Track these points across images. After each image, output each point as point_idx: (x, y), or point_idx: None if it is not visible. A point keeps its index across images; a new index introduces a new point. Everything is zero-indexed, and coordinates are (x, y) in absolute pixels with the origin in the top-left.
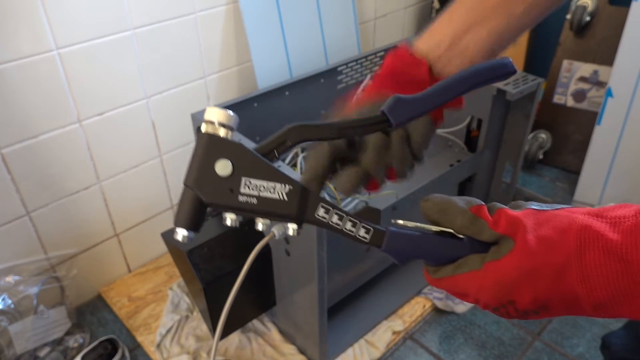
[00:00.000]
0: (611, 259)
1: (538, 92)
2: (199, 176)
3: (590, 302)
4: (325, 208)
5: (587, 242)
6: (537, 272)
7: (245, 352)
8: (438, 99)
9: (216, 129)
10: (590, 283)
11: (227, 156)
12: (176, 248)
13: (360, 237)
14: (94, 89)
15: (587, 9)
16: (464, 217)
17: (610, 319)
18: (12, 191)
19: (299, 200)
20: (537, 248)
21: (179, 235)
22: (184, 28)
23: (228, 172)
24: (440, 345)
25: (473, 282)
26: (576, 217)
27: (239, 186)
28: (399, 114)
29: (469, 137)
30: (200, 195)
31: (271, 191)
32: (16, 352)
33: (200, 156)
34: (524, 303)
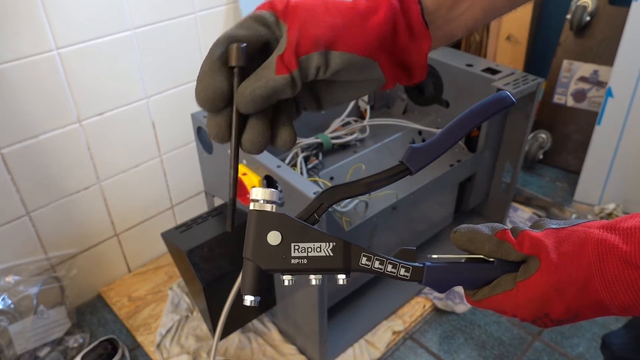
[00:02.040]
0: (628, 267)
1: (538, 92)
2: (255, 249)
3: (616, 306)
4: (367, 256)
5: (604, 254)
6: (565, 286)
7: (245, 352)
8: (449, 144)
9: (263, 206)
10: (613, 290)
11: (276, 228)
12: (176, 248)
13: (402, 276)
14: (94, 89)
15: (587, 9)
16: (491, 242)
17: (610, 319)
18: (12, 191)
19: (343, 254)
20: (561, 264)
21: (247, 302)
22: (184, 28)
23: (278, 241)
24: (440, 345)
25: (509, 301)
26: (592, 231)
27: (289, 251)
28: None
29: (469, 137)
30: (259, 264)
31: (318, 250)
32: (16, 352)
33: (253, 231)
34: (558, 314)
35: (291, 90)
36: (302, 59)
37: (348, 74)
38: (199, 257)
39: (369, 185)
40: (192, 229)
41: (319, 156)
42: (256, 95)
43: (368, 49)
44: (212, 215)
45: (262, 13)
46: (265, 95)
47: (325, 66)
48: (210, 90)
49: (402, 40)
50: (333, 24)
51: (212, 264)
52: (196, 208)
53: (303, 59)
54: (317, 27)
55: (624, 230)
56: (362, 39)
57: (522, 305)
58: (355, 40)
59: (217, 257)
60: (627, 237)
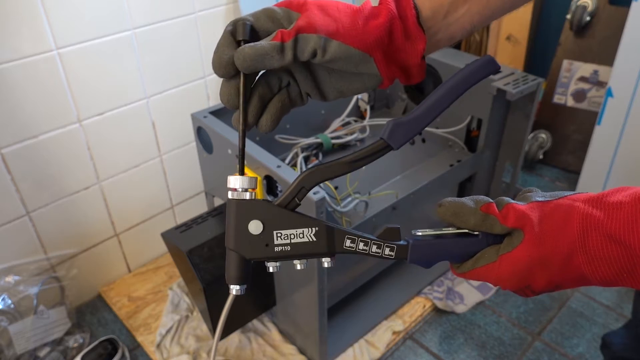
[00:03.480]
0: (611, 243)
1: (538, 92)
2: (237, 239)
3: (597, 280)
4: (351, 238)
5: (588, 229)
6: (547, 260)
7: (245, 352)
8: (431, 115)
9: (241, 194)
10: (595, 265)
11: (256, 216)
12: (176, 248)
13: (387, 256)
14: (94, 89)
15: (587, 9)
16: (476, 216)
17: (610, 319)
18: (12, 191)
19: (327, 238)
20: (544, 238)
21: (234, 291)
22: (184, 28)
23: (260, 230)
24: (440, 345)
25: (491, 273)
26: (577, 205)
27: (272, 239)
28: (399, 138)
29: (469, 137)
30: (242, 254)
31: (300, 236)
32: (16, 352)
33: (233, 221)
34: (540, 286)
35: (279, 57)
36: (300, 36)
37: (345, 64)
38: (199, 257)
39: (350, 165)
40: (192, 229)
41: (319, 156)
42: (246, 53)
43: (364, 45)
44: (212, 215)
45: (274, 8)
46: (253, 55)
47: (322, 50)
48: (222, 59)
49: (398, 41)
50: (338, 19)
51: (212, 264)
52: (196, 208)
53: (301, 36)
54: (323, 19)
55: (610, 205)
56: (361, 36)
57: (505, 277)
58: (354, 34)
59: (217, 257)
60: (612, 212)
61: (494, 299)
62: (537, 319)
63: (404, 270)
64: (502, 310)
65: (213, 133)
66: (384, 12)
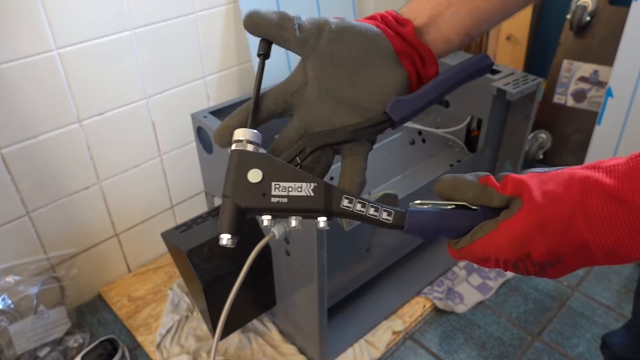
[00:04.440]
0: (611, 202)
1: (538, 92)
2: (234, 186)
3: (599, 247)
4: (349, 199)
5: (587, 190)
6: (547, 224)
7: (245, 352)
8: (431, 96)
9: (245, 146)
10: (596, 227)
11: (257, 166)
12: (176, 248)
13: (384, 220)
14: (94, 89)
15: (587, 9)
16: (475, 188)
17: (610, 319)
18: (12, 191)
19: (325, 195)
20: (543, 202)
21: (223, 240)
22: (184, 28)
23: (259, 178)
24: (440, 345)
25: (490, 243)
26: (575, 171)
27: (270, 189)
28: (399, 112)
29: (469, 137)
30: (238, 202)
31: (299, 190)
32: (16, 352)
33: (233, 169)
34: (539, 254)
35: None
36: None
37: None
38: (199, 257)
39: (352, 133)
40: (192, 229)
41: None
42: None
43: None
44: (212, 215)
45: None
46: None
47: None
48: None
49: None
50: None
51: (212, 264)
52: (196, 208)
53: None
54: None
55: (607, 167)
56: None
57: (504, 245)
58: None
59: (217, 257)
60: (611, 172)
61: (494, 299)
62: (537, 319)
63: (404, 270)
64: (502, 310)
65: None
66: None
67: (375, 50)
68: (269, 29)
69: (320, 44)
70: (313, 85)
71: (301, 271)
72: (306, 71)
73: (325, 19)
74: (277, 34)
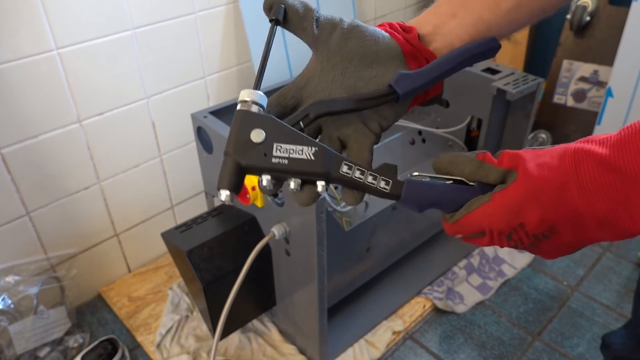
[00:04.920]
0: (604, 170)
1: (538, 92)
2: (236, 144)
3: (593, 216)
4: (348, 165)
5: (581, 159)
6: (540, 193)
7: (245, 352)
8: (436, 72)
9: (249, 106)
10: (589, 195)
11: (260, 126)
12: (176, 248)
13: (381, 189)
14: (94, 89)
15: (587, 9)
16: (472, 163)
17: (610, 319)
18: (12, 191)
19: (325, 159)
20: (538, 172)
21: (222, 196)
22: (184, 28)
23: (261, 139)
24: (440, 345)
25: (484, 213)
26: (569, 145)
27: (271, 150)
28: (404, 85)
29: (469, 137)
30: (239, 160)
31: (300, 153)
32: (16, 352)
33: (237, 128)
34: (533, 224)
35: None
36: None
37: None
38: (199, 257)
39: (356, 102)
40: (192, 229)
41: None
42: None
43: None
44: (212, 215)
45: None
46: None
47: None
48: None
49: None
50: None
51: (212, 264)
52: (196, 208)
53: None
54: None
55: (600, 139)
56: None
57: (497, 214)
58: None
59: (217, 257)
60: (603, 142)
61: (494, 299)
62: (537, 319)
63: (404, 270)
64: (502, 310)
65: (213, 133)
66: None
67: (383, 49)
68: (291, 14)
69: (332, 40)
70: (320, 77)
71: (301, 271)
72: (315, 65)
73: (340, 18)
74: (298, 23)
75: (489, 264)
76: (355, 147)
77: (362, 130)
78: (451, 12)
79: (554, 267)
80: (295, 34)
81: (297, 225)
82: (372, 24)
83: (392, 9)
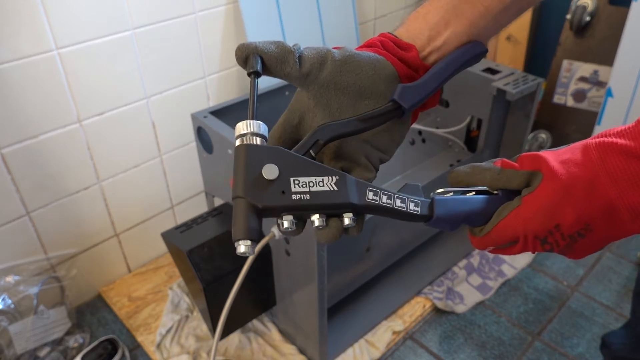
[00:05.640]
0: (630, 159)
1: (538, 92)
2: (247, 184)
3: (626, 207)
4: (374, 191)
5: (605, 152)
6: (571, 189)
7: (245, 352)
8: (434, 83)
9: (251, 139)
10: (620, 185)
11: (271, 161)
12: (176, 248)
13: (412, 211)
14: (94, 89)
15: (587, 9)
16: (492, 171)
17: (610, 319)
18: (12, 191)
19: (349, 188)
20: (564, 170)
21: (242, 248)
22: (184, 28)
23: (275, 175)
24: (440, 345)
25: (517, 219)
26: (588, 140)
27: (289, 186)
28: (408, 99)
29: (469, 137)
30: (254, 202)
31: (320, 184)
32: (16, 352)
33: (244, 165)
34: (569, 223)
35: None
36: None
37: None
38: (199, 257)
39: (364, 122)
40: (192, 229)
41: None
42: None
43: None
44: (212, 215)
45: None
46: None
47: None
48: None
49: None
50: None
51: (212, 264)
52: (196, 208)
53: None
54: None
55: (617, 131)
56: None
57: (532, 217)
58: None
59: (217, 257)
60: (623, 135)
61: (494, 299)
62: (537, 319)
63: (404, 271)
64: (502, 310)
65: (213, 133)
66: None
67: (380, 76)
68: (269, 63)
69: (323, 75)
70: (315, 113)
71: (301, 271)
72: (306, 101)
73: (327, 49)
74: (280, 70)
75: (488, 264)
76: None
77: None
78: (444, 21)
79: (554, 267)
80: (279, 78)
81: None
82: (371, 24)
83: (392, 9)
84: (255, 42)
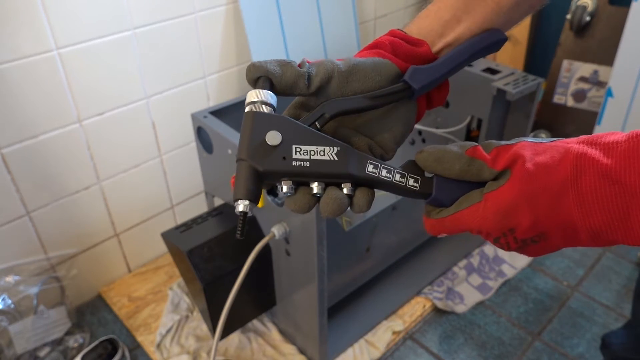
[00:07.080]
0: (606, 182)
1: (538, 92)
2: (251, 148)
3: (587, 228)
4: (374, 164)
5: (583, 167)
6: (535, 196)
7: (245, 352)
8: (447, 67)
9: (259, 107)
10: (587, 207)
11: (275, 128)
12: (176, 248)
13: (410, 187)
14: (94, 89)
15: (587, 9)
16: (461, 161)
17: (610, 319)
18: (12, 191)
19: (349, 159)
20: (535, 173)
21: (240, 207)
22: (184, 28)
23: (278, 141)
24: (440, 345)
25: (474, 215)
26: (571, 146)
27: (291, 153)
28: (419, 80)
29: (469, 137)
30: (255, 166)
31: (321, 154)
32: (16, 352)
33: (249, 131)
34: (524, 228)
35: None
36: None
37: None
38: (199, 257)
39: (372, 100)
40: (192, 229)
41: None
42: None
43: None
44: (212, 215)
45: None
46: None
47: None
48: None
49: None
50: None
51: (212, 264)
52: (196, 208)
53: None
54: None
55: (605, 143)
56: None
57: (488, 217)
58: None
59: (217, 257)
60: (609, 150)
61: (494, 299)
62: (537, 319)
63: (404, 271)
64: (502, 310)
65: (213, 133)
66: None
67: (386, 79)
68: (280, 87)
69: (331, 87)
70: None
71: (301, 271)
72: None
73: (332, 63)
74: (288, 91)
75: (488, 264)
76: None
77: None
78: (455, 18)
79: (554, 267)
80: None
81: (297, 225)
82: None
83: (392, 9)
84: (267, 65)
